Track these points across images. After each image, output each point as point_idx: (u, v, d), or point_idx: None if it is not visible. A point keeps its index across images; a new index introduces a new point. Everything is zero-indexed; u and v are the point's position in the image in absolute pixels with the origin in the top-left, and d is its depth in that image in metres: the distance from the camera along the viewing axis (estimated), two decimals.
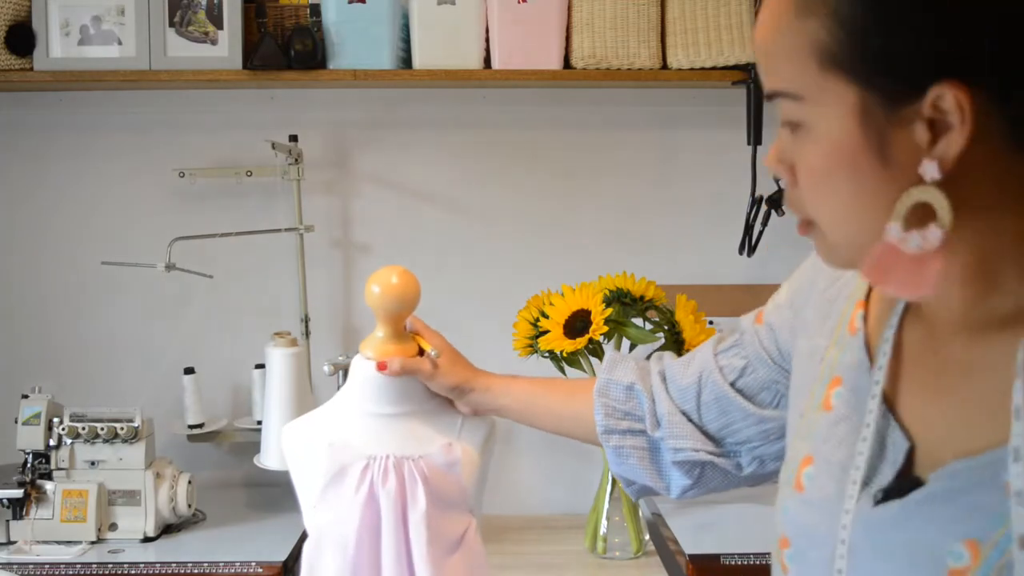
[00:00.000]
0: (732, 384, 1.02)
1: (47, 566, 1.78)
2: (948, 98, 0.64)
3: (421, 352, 1.12)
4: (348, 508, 1.03)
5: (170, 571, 1.77)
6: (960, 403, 0.72)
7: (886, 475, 0.75)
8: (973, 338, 0.72)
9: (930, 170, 0.65)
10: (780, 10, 0.71)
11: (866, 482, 0.75)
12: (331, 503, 1.05)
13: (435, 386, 1.12)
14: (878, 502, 0.73)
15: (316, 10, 2.07)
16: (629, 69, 2.03)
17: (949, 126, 0.65)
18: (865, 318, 0.82)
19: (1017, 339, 0.67)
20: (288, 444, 1.11)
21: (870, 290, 0.83)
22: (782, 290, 0.99)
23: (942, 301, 0.74)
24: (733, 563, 1.78)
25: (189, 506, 1.94)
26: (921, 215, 0.67)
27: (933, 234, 0.66)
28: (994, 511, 0.66)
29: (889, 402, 0.76)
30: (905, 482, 0.73)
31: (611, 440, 1.09)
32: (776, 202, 2.03)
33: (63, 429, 1.89)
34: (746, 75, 2.02)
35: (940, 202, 0.66)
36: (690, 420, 1.05)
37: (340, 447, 1.06)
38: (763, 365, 1.00)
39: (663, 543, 1.97)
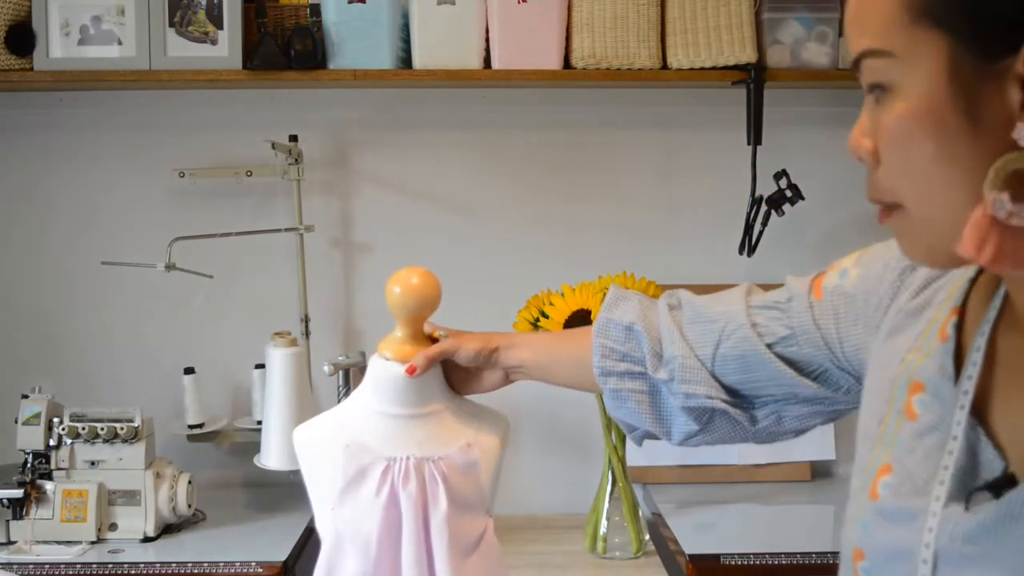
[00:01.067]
0: (769, 347, 0.96)
1: (47, 566, 1.78)
2: None
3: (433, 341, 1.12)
4: (368, 510, 1.03)
5: (170, 571, 1.77)
6: None
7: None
8: None
9: None
10: None
11: (953, 494, 0.70)
12: (350, 505, 1.04)
13: (462, 358, 1.10)
14: (969, 505, 0.69)
15: (316, 10, 2.07)
16: (629, 69, 2.03)
17: None
18: (959, 326, 0.76)
19: None
20: (301, 446, 1.10)
21: (966, 298, 0.77)
22: (851, 275, 0.92)
23: None
24: (733, 563, 1.78)
25: (189, 506, 1.94)
26: (1020, 185, 0.61)
27: None
28: None
29: (980, 415, 0.71)
30: (1001, 481, 0.68)
31: (608, 382, 1.06)
32: (776, 202, 2.03)
33: (63, 429, 1.89)
34: (746, 75, 2.02)
35: None
36: (703, 365, 1.00)
37: (358, 449, 1.06)
38: (811, 344, 0.94)
39: (663, 543, 1.97)
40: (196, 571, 1.78)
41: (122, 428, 1.89)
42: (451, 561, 1.02)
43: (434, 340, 1.12)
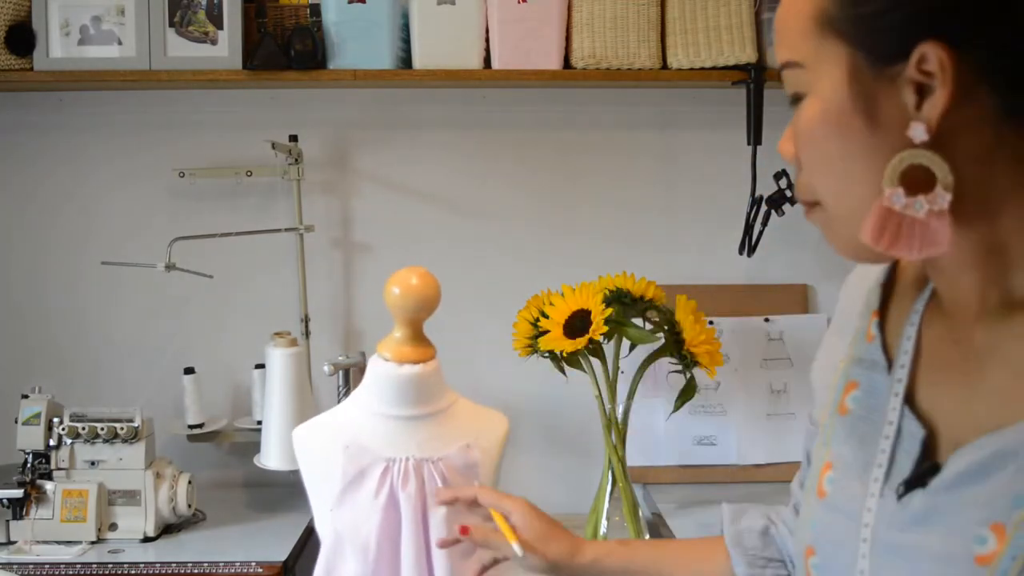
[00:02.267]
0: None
1: (47, 566, 1.78)
2: (932, 58, 0.65)
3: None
4: (368, 511, 1.03)
5: (170, 571, 1.77)
6: (980, 386, 0.71)
7: (905, 467, 0.74)
8: (993, 323, 0.71)
9: (917, 132, 0.66)
10: None
11: (888, 479, 0.75)
12: (349, 506, 1.05)
13: (536, 562, 1.04)
14: (900, 496, 0.73)
15: (316, 10, 2.07)
16: (629, 69, 2.03)
17: (933, 87, 0.66)
18: (881, 327, 0.82)
19: None
20: (300, 447, 1.10)
21: (884, 301, 0.83)
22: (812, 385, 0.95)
23: (959, 291, 0.74)
24: None
25: (189, 506, 1.94)
26: (921, 179, 0.67)
27: (941, 197, 0.66)
28: (1016, 492, 0.65)
29: (909, 401, 0.76)
30: (926, 470, 0.72)
31: None
32: (776, 202, 2.02)
33: (63, 429, 1.89)
34: (746, 75, 2.02)
35: (937, 163, 0.66)
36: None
37: (357, 450, 1.06)
38: None
39: None
40: (196, 571, 1.78)
41: (122, 428, 1.89)
42: (450, 563, 1.02)
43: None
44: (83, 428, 1.88)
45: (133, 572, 1.77)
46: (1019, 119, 0.68)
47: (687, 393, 1.82)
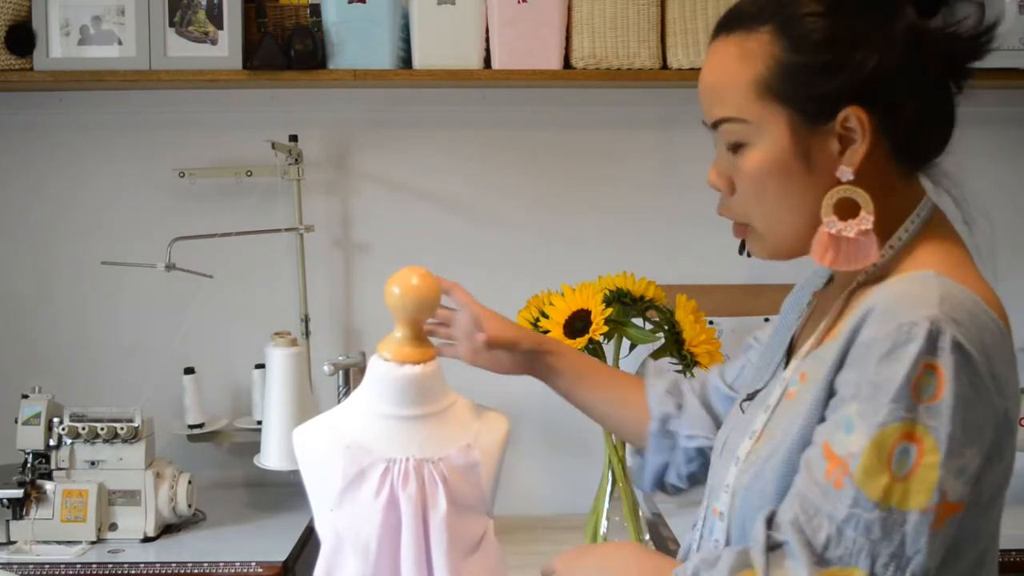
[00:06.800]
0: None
1: (47, 566, 1.78)
2: (853, 118, 0.90)
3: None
4: (368, 511, 1.03)
5: (170, 571, 1.77)
6: (822, 334, 0.98)
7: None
8: (852, 293, 0.97)
9: (845, 173, 0.91)
10: (726, 59, 0.94)
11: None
12: (349, 507, 1.04)
13: (518, 351, 1.27)
14: (742, 407, 1.06)
15: (316, 10, 2.07)
16: (629, 69, 2.03)
17: (853, 139, 0.90)
18: (812, 304, 1.10)
19: (867, 293, 0.92)
20: (301, 447, 1.10)
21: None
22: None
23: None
24: None
25: (189, 506, 1.94)
26: (848, 208, 0.90)
27: (866, 220, 0.90)
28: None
29: (791, 351, 1.06)
30: (756, 390, 1.05)
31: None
32: None
33: (63, 429, 1.89)
34: None
35: (860, 195, 0.90)
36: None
37: (357, 450, 1.05)
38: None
39: (663, 543, 1.97)
40: (196, 571, 1.78)
41: (122, 428, 1.89)
42: (451, 563, 1.02)
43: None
44: (83, 428, 1.88)
45: (133, 572, 1.77)
46: (902, 156, 0.94)
47: None
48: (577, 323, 1.74)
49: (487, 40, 2.05)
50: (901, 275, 0.90)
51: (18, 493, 1.85)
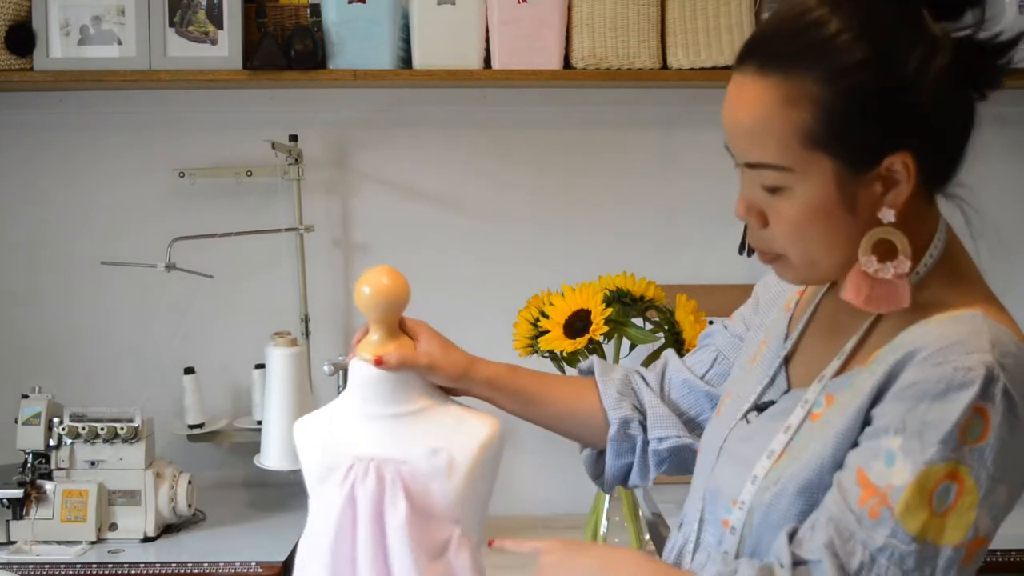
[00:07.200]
0: (701, 377, 1.23)
1: (47, 566, 1.78)
2: (898, 164, 0.89)
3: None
4: (329, 507, 1.04)
5: (170, 571, 1.77)
6: (831, 344, 0.99)
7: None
8: (858, 309, 0.95)
9: (887, 215, 0.90)
10: (767, 98, 0.90)
11: (748, 413, 1.04)
12: (320, 499, 1.07)
13: (437, 379, 1.12)
14: (748, 420, 1.03)
15: (316, 10, 2.07)
16: (629, 69, 2.03)
17: (896, 182, 0.90)
18: (798, 303, 1.10)
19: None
20: (298, 438, 1.13)
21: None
22: (754, 293, 1.24)
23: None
24: None
25: (189, 506, 1.94)
26: (885, 249, 0.90)
27: (902, 263, 0.90)
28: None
29: (788, 358, 1.05)
30: (765, 403, 1.02)
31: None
32: None
33: (63, 429, 1.89)
34: None
35: (898, 237, 0.90)
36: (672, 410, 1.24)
37: (331, 446, 1.08)
38: (734, 351, 1.20)
39: (663, 543, 1.96)
40: (196, 571, 1.78)
41: (122, 428, 1.89)
42: (414, 564, 1.01)
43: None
44: (83, 428, 1.88)
45: (133, 572, 1.77)
46: (932, 185, 0.94)
47: None
48: (577, 323, 1.74)
49: (487, 40, 2.05)
50: (949, 313, 0.91)
51: (18, 493, 1.85)
